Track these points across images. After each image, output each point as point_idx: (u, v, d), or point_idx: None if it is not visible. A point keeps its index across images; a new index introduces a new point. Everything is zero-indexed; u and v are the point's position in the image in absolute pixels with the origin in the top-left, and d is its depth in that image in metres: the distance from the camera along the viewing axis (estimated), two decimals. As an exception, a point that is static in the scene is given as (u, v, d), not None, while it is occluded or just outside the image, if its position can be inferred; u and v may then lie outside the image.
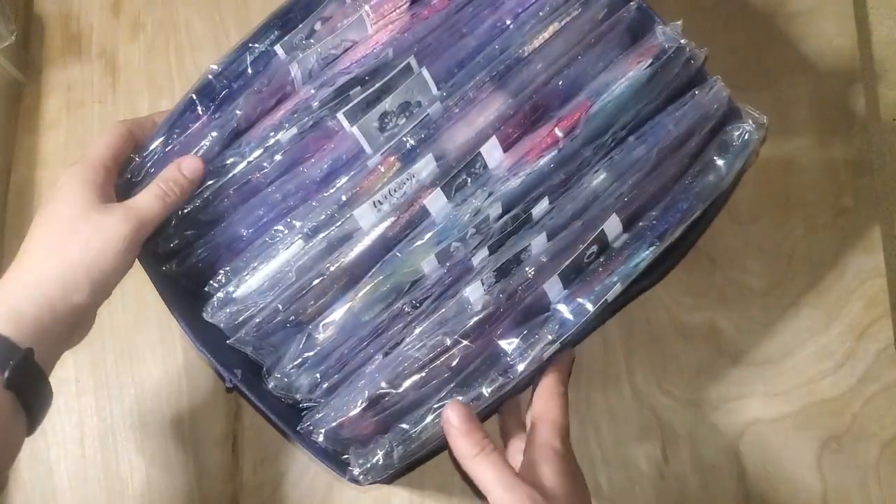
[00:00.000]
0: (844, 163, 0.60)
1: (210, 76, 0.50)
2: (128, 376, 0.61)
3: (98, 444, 0.60)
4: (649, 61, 0.49)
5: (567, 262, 0.47)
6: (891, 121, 0.67)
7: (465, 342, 0.45)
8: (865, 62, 0.65)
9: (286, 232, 0.48)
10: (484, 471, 0.42)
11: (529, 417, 0.48)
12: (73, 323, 0.43)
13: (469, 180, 0.48)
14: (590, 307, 0.46)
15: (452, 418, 0.44)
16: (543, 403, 0.47)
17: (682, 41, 0.50)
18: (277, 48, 0.51)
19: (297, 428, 0.47)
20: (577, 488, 0.44)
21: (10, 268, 0.43)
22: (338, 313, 0.47)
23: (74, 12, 0.72)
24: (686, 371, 0.57)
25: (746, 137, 0.50)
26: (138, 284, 0.50)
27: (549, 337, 0.46)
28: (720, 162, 0.50)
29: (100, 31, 0.71)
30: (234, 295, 0.48)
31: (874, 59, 0.67)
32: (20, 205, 0.66)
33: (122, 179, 0.49)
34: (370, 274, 0.47)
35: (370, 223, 0.47)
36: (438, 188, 0.47)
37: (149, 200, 0.46)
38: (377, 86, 0.48)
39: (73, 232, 0.43)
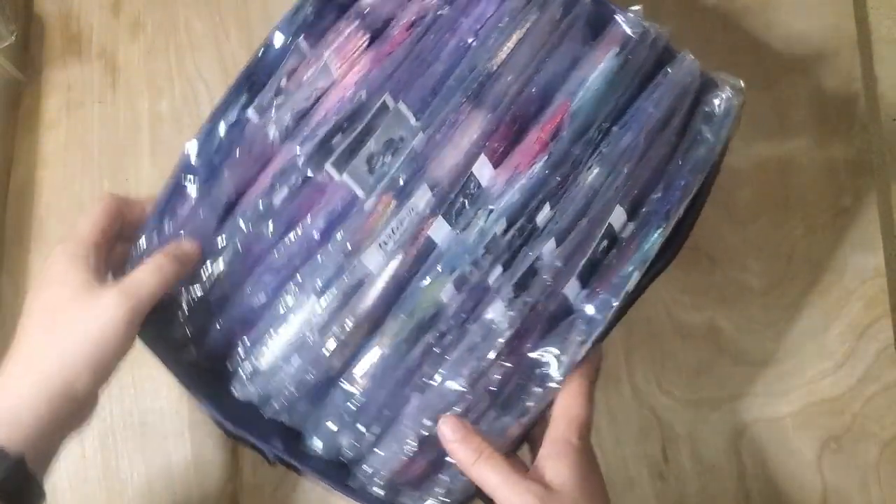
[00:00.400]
0: (844, 163, 0.60)
1: (189, 155, 0.49)
2: (128, 376, 0.61)
3: (98, 444, 0.60)
4: (616, 50, 0.49)
5: (582, 262, 0.47)
6: (891, 121, 0.67)
7: (498, 363, 0.45)
8: (865, 62, 0.65)
9: (298, 292, 0.47)
10: (487, 475, 0.42)
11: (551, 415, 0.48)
12: (75, 411, 0.43)
13: (466, 202, 0.48)
14: (613, 301, 0.46)
15: (446, 432, 0.44)
16: (565, 401, 0.46)
17: (645, 24, 0.49)
18: (250, 112, 0.50)
19: (347, 482, 0.46)
20: (589, 483, 0.44)
21: (7, 360, 0.43)
22: (366, 361, 0.46)
23: (74, 12, 0.72)
24: (686, 371, 0.57)
25: (727, 104, 0.50)
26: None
27: (579, 338, 0.46)
28: (707, 133, 0.50)
29: (100, 31, 0.71)
30: (259, 366, 0.47)
31: (874, 59, 0.67)
32: (20, 205, 0.66)
33: (120, 274, 0.47)
34: (390, 315, 0.46)
35: (379, 265, 0.47)
36: (439, 216, 0.47)
37: (144, 276, 0.45)
38: (358, 129, 0.47)
39: (69, 320, 0.42)
